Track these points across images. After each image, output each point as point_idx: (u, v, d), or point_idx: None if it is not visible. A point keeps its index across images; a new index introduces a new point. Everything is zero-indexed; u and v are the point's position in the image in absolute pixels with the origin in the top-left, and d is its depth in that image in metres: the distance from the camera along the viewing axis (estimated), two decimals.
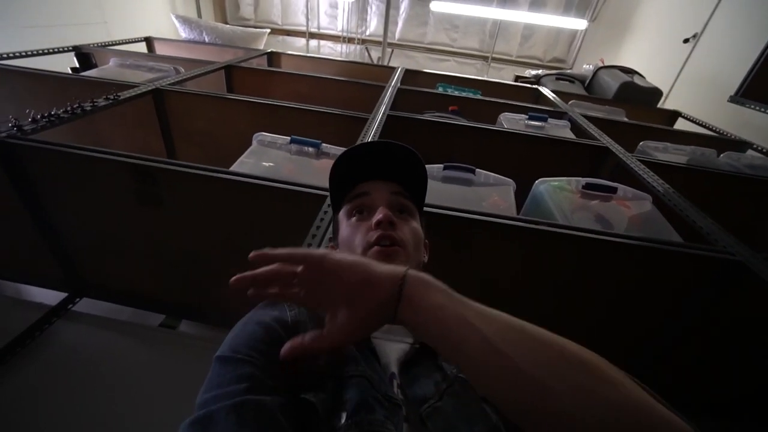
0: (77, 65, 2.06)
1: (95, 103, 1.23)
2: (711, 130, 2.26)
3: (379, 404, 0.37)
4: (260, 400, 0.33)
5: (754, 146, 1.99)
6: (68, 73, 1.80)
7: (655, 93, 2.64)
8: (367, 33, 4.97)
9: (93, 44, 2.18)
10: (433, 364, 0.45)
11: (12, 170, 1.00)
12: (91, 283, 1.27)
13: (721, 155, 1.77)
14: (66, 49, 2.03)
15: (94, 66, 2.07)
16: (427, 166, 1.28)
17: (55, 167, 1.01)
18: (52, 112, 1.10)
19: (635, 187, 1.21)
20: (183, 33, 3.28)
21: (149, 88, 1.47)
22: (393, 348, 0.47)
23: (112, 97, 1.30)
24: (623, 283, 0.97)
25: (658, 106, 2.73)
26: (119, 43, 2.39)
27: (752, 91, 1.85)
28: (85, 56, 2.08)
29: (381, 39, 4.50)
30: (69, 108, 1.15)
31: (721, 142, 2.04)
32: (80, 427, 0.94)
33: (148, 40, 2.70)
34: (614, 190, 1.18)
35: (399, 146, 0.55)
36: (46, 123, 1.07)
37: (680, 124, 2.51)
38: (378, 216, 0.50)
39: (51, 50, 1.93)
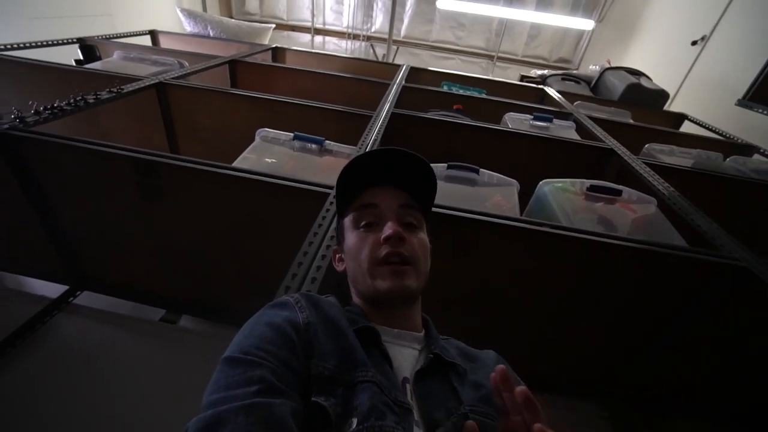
0: (81, 57, 2.06)
1: (98, 96, 1.23)
2: (717, 133, 2.24)
3: (389, 409, 0.37)
4: (270, 403, 0.32)
5: (761, 150, 1.97)
6: (72, 65, 1.80)
7: (662, 95, 2.61)
8: (373, 30, 4.94)
9: (97, 36, 2.17)
10: (446, 382, 0.45)
11: (14, 162, 1.00)
12: (92, 277, 1.27)
13: (728, 159, 1.76)
14: (70, 41, 2.02)
15: (98, 58, 2.06)
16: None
17: (57, 160, 1.01)
18: (55, 104, 1.09)
19: (640, 190, 1.20)
20: (188, 27, 3.27)
21: (153, 82, 1.46)
22: (404, 353, 0.47)
23: (115, 90, 1.29)
24: (626, 287, 0.97)
25: (665, 108, 2.70)
26: (124, 36, 2.39)
27: (760, 94, 1.83)
28: (90, 48, 2.08)
29: (386, 36, 4.48)
30: (72, 100, 1.14)
31: (728, 145, 2.02)
32: (80, 419, 0.94)
33: (153, 34, 2.69)
34: (619, 192, 1.17)
35: (412, 155, 0.54)
36: (49, 115, 1.06)
37: (686, 127, 2.49)
38: (387, 231, 0.49)
39: (56, 42, 1.92)
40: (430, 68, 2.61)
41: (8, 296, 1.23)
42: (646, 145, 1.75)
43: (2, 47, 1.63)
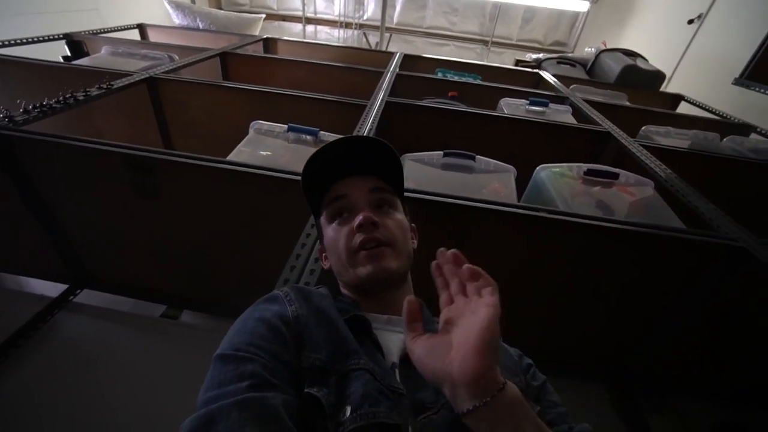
0: (69, 53, 2.01)
1: (88, 93, 1.21)
2: (714, 113, 2.23)
3: (383, 396, 0.37)
4: (263, 397, 0.32)
5: (758, 130, 1.96)
6: (60, 62, 1.77)
7: (658, 76, 2.59)
8: (365, 17, 4.86)
9: (84, 32, 2.13)
10: None
11: (5, 162, 0.98)
12: (92, 275, 1.27)
13: (725, 139, 1.75)
14: (57, 36, 1.98)
15: (86, 54, 2.02)
16: (426, 153, 1.26)
17: (49, 159, 1.00)
18: (44, 102, 1.08)
19: (637, 173, 1.19)
20: (176, 19, 3.21)
21: (143, 77, 1.44)
22: (393, 338, 0.47)
23: (105, 86, 1.27)
24: (626, 270, 0.97)
25: (661, 89, 2.69)
26: (111, 31, 2.34)
27: (757, 73, 1.81)
28: (77, 44, 2.03)
29: (379, 23, 4.41)
30: (61, 98, 1.12)
31: (725, 125, 2.01)
32: (83, 417, 0.95)
33: (141, 27, 2.64)
34: (616, 175, 1.17)
35: (365, 139, 0.53)
36: (38, 113, 1.04)
37: (683, 108, 2.48)
38: (358, 219, 0.49)
39: (42, 38, 1.88)
40: (424, 55, 2.58)
41: (9, 296, 1.23)
42: (643, 128, 1.74)
43: None
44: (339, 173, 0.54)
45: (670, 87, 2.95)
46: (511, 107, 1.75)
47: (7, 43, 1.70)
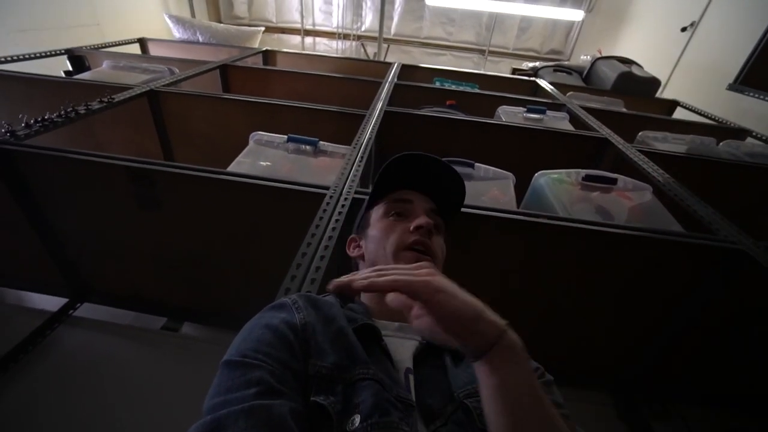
0: (70, 68, 2.04)
1: (89, 107, 1.22)
2: (710, 118, 2.25)
3: (392, 406, 0.37)
4: (270, 404, 0.32)
5: (754, 134, 1.98)
6: (61, 77, 1.79)
7: (654, 82, 2.62)
8: (363, 29, 4.93)
9: (86, 47, 2.16)
10: (440, 366, 0.46)
11: (7, 176, 0.99)
12: (92, 288, 1.26)
13: (721, 144, 1.76)
14: (58, 52, 2.01)
15: (88, 69, 2.04)
16: None
17: (51, 172, 1.00)
18: (46, 117, 1.09)
19: (635, 178, 1.20)
20: (177, 33, 3.25)
21: (144, 90, 1.46)
22: (405, 345, 0.47)
23: (106, 99, 1.29)
24: (625, 275, 0.97)
25: (657, 95, 2.71)
26: (112, 45, 2.37)
27: (751, 78, 1.83)
28: (78, 59, 2.06)
29: (377, 35, 4.47)
30: (63, 112, 1.13)
31: (721, 130, 2.03)
32: (85, 431, 0.94)
33: (142, 41, 2.67)
34: (614, 181, 1.17)
35: (448, 168, 0.63)
36: (40, 128, 1.05)
37: (679, 114, 2.50)
38: (420, 221, 0.55)
39: (43, 54, 1.91)
40: (421, 65, 2.61)
41: (8, 311, 1.23)
42: (640, 133, 1.75)
43: None
44: (411, 182, 0.63)
45: (665, 93, 2.98)
46: (508, 115, 1.76)
47: (9, 58, 1.72)
